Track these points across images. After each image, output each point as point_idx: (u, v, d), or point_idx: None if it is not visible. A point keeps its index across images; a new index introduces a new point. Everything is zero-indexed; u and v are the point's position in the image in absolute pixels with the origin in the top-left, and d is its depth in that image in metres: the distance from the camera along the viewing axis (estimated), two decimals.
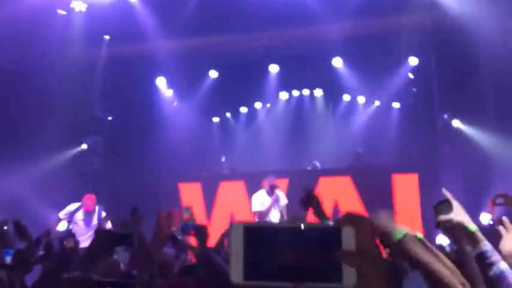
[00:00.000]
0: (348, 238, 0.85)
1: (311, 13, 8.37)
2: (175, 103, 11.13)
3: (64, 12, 8.54)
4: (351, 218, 0.86)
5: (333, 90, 11.33)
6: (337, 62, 10.33)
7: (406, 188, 8.65)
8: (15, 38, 7.31)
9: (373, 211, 1.60)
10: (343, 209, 8.40)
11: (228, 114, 12.33)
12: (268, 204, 7.42)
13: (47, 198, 8.06)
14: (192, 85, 10.69)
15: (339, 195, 8.49)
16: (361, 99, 11.54)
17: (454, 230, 2.08)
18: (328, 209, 8.16)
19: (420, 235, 1.74)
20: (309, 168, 9.92)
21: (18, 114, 8.02)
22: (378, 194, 8.30)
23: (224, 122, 12.33)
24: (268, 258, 0.85)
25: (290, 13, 8.48)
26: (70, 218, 7.01)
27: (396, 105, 11.04)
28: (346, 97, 11.64)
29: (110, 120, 10.01)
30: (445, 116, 9.03)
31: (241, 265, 0.85)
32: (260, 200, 7.50)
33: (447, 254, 2.01)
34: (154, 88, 10.74)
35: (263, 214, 7.40)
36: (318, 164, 10.02)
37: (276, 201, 7.46)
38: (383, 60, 9.76)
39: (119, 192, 8.98)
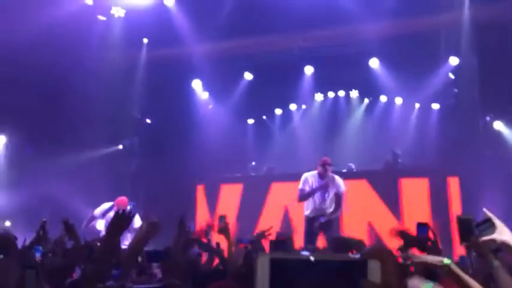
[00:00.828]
0: (374, 271, 0.84)
1: (347, 13, 8.27)
2: (211, 105, 11.24)
3: (104, 18, 8.80)
4: (379, 253, 0.84)
5: (369, 91, 11.15)
6: (374, 63, 10.15)
7: (444, 192, 8.40)
8: (59, 43, 7.62)
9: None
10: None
11: (263, 117, 12.34)
12: (313, 185, 6.42)
13: (86, 197, 8.34)
14: (227, 87, 10.77)
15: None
16: (398, 100, 11.30)
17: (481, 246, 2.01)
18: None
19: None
20: (344, 170, 9.76)
21: (60, 115, 8.33)
22: (412, 197, 8.10)
23: (259, 124, 12.35)
24: None
25: (325, 14, 8.40)
26: (103, 216, 7.17)
27: (436, 106, 10.75)
28: (383, 98, 11.42)
29: (147, 122, 10.23)
30: (488, 117, 8.71)
31: None
32: (306, 179, 6.54)
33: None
34: (190, 91, 10.90)
35: (304, 195, 6.44)
36: (353, 166, 9.85)
37: (327, 186, 6.41)
38: (421, 60, 9.51)
39: (155, 192, 9.18)
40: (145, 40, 9.66)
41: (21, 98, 7.49)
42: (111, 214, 7.18)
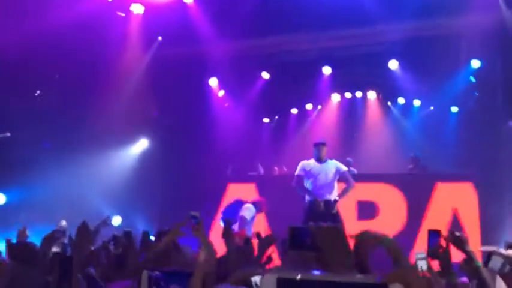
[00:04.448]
0: None
1: (367, 14, 8.13)
2: (227, 104, 11.21)
3: (123, 14, 8.78)
4: (405, 276, 0.77)
5: (388, 92, 11.03)
6: (393, 64, 10.00)
7: (463, 198, 8.22)
8: (78, 40, 7.62)
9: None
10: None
11: (277, 116, 12.29)
12: (311, 170, 6.36)
13: (104, 194, 8.37)
14: (243, 86, 10.72)
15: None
16: (417, 102, 11.15)
17: None
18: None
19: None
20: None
21: (78, 113, 8.35)
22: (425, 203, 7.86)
23: (274, 122, 12.29)
24: None
25: (345, 14, 8.28)
26: None
27: (454, 109, 10.58)
28: (401, 100, 11.28)
29: (164, 119, 10.23)
30: (510, 122, 8.53)
31: None
32: (302, 165, 6.49)
33: None
34: (207, 88, 10.87)
35: (301, 179, 6.44)
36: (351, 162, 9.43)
37: (322, 170, 6.32)
38: (442, 62, 9.33)
39: (172, 191, 9.18)
40: (159, 38, 9.62)
41: (38, 95, 7.52)
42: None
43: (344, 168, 6.57)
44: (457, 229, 2.79)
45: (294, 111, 12.18)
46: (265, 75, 10.78)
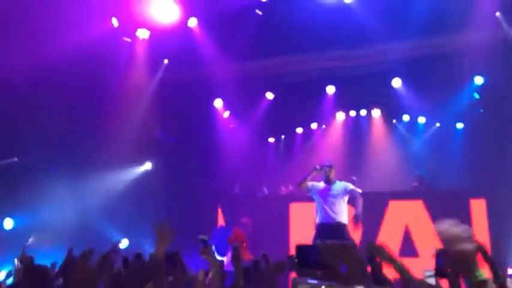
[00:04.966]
0: None
1: (368, 34, 8.24)
2: (232, 124, 11.29)
3: (129, 40, 8.95)
4: None
5: (392, 110, 11.05)
6: (396, 83, 10.07)
7: (473, 214, 8.17)
8: (86, 66, 7.75)
9: None
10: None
11: (283, 136, 12.33)
12: (318, 189, 6.34)
13: (110, 217, 8.39)
14: (248, 107, 10.80)
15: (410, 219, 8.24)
16: (421, 120, 11.16)
17: None
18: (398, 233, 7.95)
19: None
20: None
21: (86, 136, 8.44)
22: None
23: (280, 142, 12.33)
24: None
25: (346, 34, 8.39)
26: None
27: (460, 125, 10.58)
28: (406, 117, 11.30)
29: (170, 141, 10.30)
30: None
31: None
32: (312, 184, 6.43)
33: None
34: (211, 110, 10.96)
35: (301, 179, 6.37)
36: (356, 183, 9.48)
37: (332, 192, 6.28)
38: (445, 79, 9.41)
39: (177, 211, 9.18)
40: (165, 61, 9.78)
41: (47, 120, 7.62)
42: None
43: (351, 186, 6.52)
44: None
45: (299, 130, 12.23)
46: (270, 95, 10.87)
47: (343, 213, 6.31)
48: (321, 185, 6.46)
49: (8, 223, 8.12)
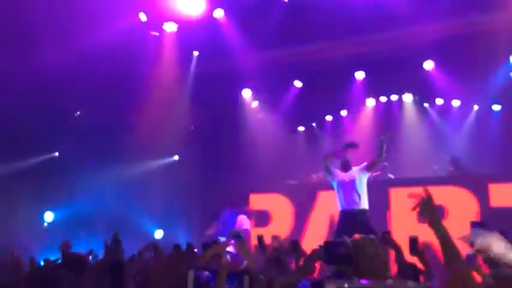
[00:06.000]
0: None
1: (398, 16, 8.04)
2: (261, 114, 11.29)
3: (157, 34, 9.06)
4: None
5: (424, 94, 10.78)
6: (429, 65, 9.80)
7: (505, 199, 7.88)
8: (116, 60, 7.91)
9: None
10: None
11: (313, 124, 12.22)
12: (335, 175, 6.45)
13: (146, 208, 8.58)
14: (277, 96, 10.77)
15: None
16: (455, 103, 10.84)
17: None
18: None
19: None
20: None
21: (116, 129, 8.63)
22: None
23: (309, 131, 12.24)
24: None
25: (376, 17, 8.21)
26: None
27: (497, 107, 10.22)
28: (439, 101, 11.00)
29: (200, 132, 10.42)
30: None
31: None
32: (332, 169, 6.53)
33: None
34: (240, 100, 10.99)
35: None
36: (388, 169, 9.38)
37: (346, 178, 6.38)
38: (479, 60, 9.07)
39: (210, 201, 9.30)
40: (195, 53, 9.85)
41: (83, 113, 7.83)
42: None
43: (364, 164, 6.58)
44: None
45: (329, 118, 12.10)
46: (298, 83, 10.79)
47: (363, 198, 6.41)
48: (340, 172, 6.57)
49: (49, 216, 8.44)
